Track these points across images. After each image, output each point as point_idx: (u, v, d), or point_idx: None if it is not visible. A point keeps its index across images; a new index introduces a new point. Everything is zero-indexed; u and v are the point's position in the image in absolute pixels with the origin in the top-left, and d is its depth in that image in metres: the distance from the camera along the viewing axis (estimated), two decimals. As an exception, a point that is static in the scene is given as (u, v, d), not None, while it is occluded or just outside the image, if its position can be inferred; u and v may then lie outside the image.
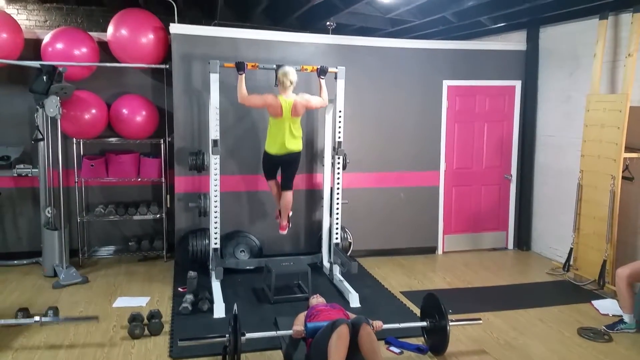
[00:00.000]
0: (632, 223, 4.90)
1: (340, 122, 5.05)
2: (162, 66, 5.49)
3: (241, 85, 4.66)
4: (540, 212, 6.21)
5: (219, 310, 4.31)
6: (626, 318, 4.10)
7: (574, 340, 4.00)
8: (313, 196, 5.77)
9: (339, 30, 7.10)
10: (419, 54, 5.90)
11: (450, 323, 3.61)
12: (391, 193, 6.00)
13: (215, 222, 4.89)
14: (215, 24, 7.33)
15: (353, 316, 3.56)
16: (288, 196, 5.02)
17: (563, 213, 5.65)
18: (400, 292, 4.92)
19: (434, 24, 6.51)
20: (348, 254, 5.46)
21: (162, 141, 5.66)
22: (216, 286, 4.69)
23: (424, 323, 3.81)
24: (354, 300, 4.59)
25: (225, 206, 5.08)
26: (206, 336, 3.49)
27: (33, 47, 5.31)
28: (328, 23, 6.80)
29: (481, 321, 3.99)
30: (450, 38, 6.84)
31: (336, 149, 5.10)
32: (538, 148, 6.19)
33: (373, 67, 5.77)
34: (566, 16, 5.47)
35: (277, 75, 4.67)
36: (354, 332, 3.22)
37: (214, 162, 4.81)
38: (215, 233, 4.91)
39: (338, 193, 5.18)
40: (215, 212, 4.88)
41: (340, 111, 5.04)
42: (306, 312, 3.75)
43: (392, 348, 3.79)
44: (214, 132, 4.76)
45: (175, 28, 5.29)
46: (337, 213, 5.19)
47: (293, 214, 5.24)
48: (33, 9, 9.08)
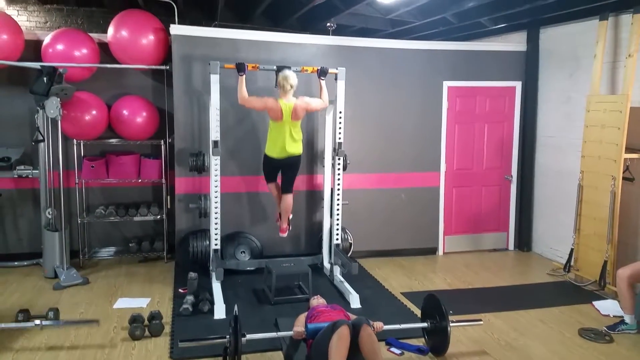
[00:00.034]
0: (633, 224, 4.90)
1: (340, 123, 5.05)
2: (163, 67, 5.50)
3: (241, 86, 4.66)
4: (540, 213, 6.21)
5: (220, 311, 4.31)
6: (627, 319, 4.10)
7: (575, 341, 4.00)
8: (313, 197, 5.77)
9: (340, 31, 7.10)
10: (420, 55, 5.90)
11: (450, 324, 3.61)
12: (392, 194, 6.00)
13: (215, 223, 4.89)
14: (215, 25, 7.34)
15: (354, 317, 3.56)
16: (288, 199, 5.02)
17: (563, 214, 5.65)
18: (400, 293, 4.93)
19: (435, 25, 6.52)
20: (348, 255, 5.46)
21: (163, 142, 5.67)
22: (217, 287, 4.69)
23: (425, 324, 3.81)
24: (355, 301, 4.59)
25: (225, 207, 5.08)
26: (207, 337, 3.50)
27: (33, 49, 5.31)
28: (328, 24, 6.81)
29: (482, 322, 3.99)
30: (450, 39, 6.84)
31: (336, 150, 5.10)
32: (538, 149, 6.19)
33: (373, 68, 5.77)
34: (566, 17, 5.48)
35: (278, 79, 4.67)
36: (355, 333, 3.22)
37: (215, 163, 4.81)
38: (215, 234, 4.91)
39: (338, 194, 5.18)
40: (215, 213, 4.88)
41: (340, 112, 5.04)
42: (307, 313, 3.74)
43: (393, 349, 3.79)
44: (215, 133, 4.76)
45: (175, 29, 5.30)
46: (338, 214, 5.19)
47: (293, 215, 5.25)
48: (33, 10, 9.09)
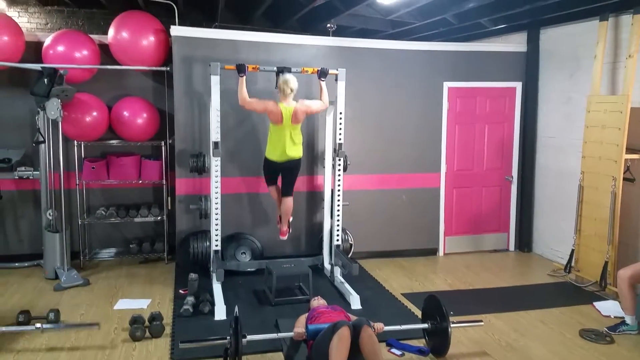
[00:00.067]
0: (634, 224, 4.89)
1: (341, 124, 5.05)
2: (163, 68, 5.50)
3: (242, 87, 4.66)
4: (541, 214, 6.21)
5: (220, 312, 4.31)
6: (628, 320, 4.10)
7: (576, 341, 4.00)
8: (314, 198, 5.77)
9: (340, 32, 7.10)
10: (420, 56, 5.91)
11: (451, 325, 3.61)
12: (392, 195, 6.00)
13: (216, 224, 4.89)
14: (215, 26, 7.34)
15: (354, 318, 3.56)
16: (288, 202, 5.03)
17: (564, 214, 5.64)
18: (401, 294, 4.92)
19: (435, 26, 6.51)
20: (349, 256, 5.46)
21: (163, 143, 5.68)
22: (217, 288, 4.69)
23: (425, 325, 3.81)
24: (355, 302, 4.59)
25: (226, 208, 5.08)
26: (207, 338, 3.50)
27: (34, 50, 5.32)
28: (328, 25, 6.81)
29: (482, 323, 3.98)
30: (450, 40, 6.84)
31: (337, 151, 5.10)
32: (539, 149, 6.19)
33: (374, 69, 5.77)
34: (566, 18, 5.48)
35: (278, 82, 4.68)
36: (355, 334, 3.22)
37: (215, 164, 4.82)
38: (216, 235, 4.91)
39: (339, 195, 5.18)
40: (216, 214, 4.88)
41: (341, 113, 5.04)
42: (307, 314, 3.74)
43: (394, 350, 3.79)
44: (215, 134, 4.76)
45: (176, 30, 5.30)
46: (338, 215, 5.19)
47: (294, 216, 5.25)
48: (34, 12, 9.10)
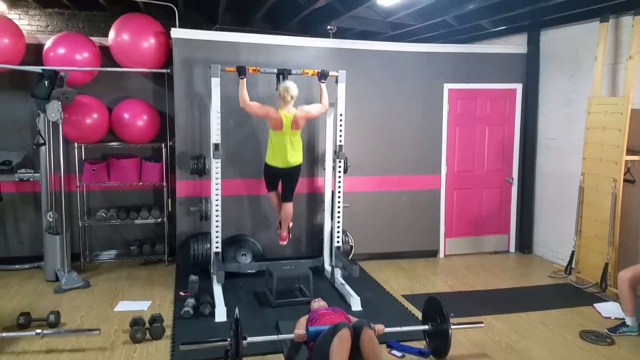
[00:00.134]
0: (634, 226, 4.89)
1: (341, 126, 5.05)
2: (164, 70, 5.51)
3: (243, 89, 4.66)
4: (541, 215, 6.21)
5: (221, 314, 4.31)
6: (628, 321, 4.10)
7: (576, 343, 3.99)
8: (314, 199, 5.77)
9: (340, 34, 7.11)
10: (420, 58, 5.91)
11: (452, 326, 3.61)
12: (392, 196, 6.00)
13: (216, 226, 4.89)
14: (216, 29, 7.35)
15: (355, 320, 3.56)
16: (288, 208, 5.03)
17: (564, 216, 5.64)
18: (402, 296, 4.92)
19: (435, 28, 6.52)
20: (349, 258, 5.45)
21: (164, 145, 5.68)
22: (218, 290, 4.69)
23: (426, 326, 3.80)
24: (356, 303, 4.59)
25: (226, 210, 5.08)
26: (208, 340, 3.50)
27: (35, 52, 5.33)
28: (329, 27, 6.82)
29: (483, 324, 3.99)
30: (451, 41, 6.85)
31: (337, 153, 5.10)
32: (539, 151, 6.19)
33: (374, 71, 5.78)
34: (567, 19, 5.48)
35: (279, 90, 4.68)
36: (356, 336, 3.22)
37: (215, 166, 4.82)
38: (216, 237, 4.91)
39: (339, 196, 5.18)
40: (216, 216, 4.88)
41: (341, 115, 5.05)
42: (308, 316, 3.75)
43: (394, 351, 3.78)
44: (215, 136, 4.77)
45: (176, 32, 5.31)
46: (339, 216, 5.19)
47: (294, 218, 5.24)
48: (35, 14, 9.11)
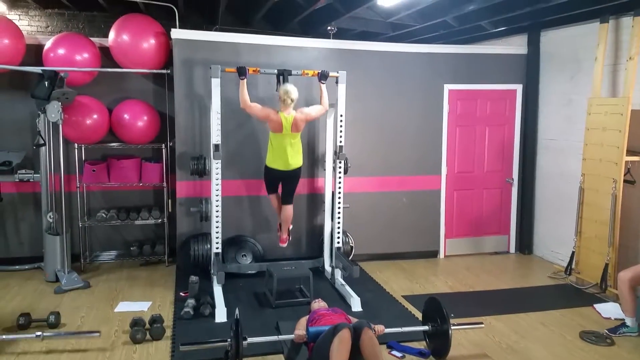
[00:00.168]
0: (634, 226, 4.89)
1: (341, 127, 5.05)
2: (164, 71, 5.51)
3: (243, 90, 4.66)
4: (541, 216, 6.21)
5: (221, 314, 4.31)
6: (628, 322, 4.10)
7: (576, 344, 3.99)
8: (315, 200, 5.77)
9: (340, 34, 7.11)
10: (420, 58, 5.91)
11: (452, 327, 3.61)
12: (393, 197, 5.99)
13: (216, 227, 4.89)
14: (216, 29, 7.35)
15: (355, 320, 3.56)
16: (288, 210, 5.04)
17: (565, 217, 5.64)
18: (402, 296, 4.92)
19: (435, 28, 6.52)
20: (350, 258, 5.45)
21: (164, 146, 5.68)
22: (218, 291, 4.69)
23: (426, 327, 3.80)
24: (356, 304, 4.59)
25: (226, 211, 5.08)
26: (208, 341, 3.49)
27: (35, 53, 5.33)
28: (329, 28, 6.81)
29: (483, 325, 3.99)
30: (451, 42, 6.85)
31: (337, 153, 5.10)
32: (539, 151, 6.19)
33: (374, 72, 5.78)
34: (567, 20, 5.48)
35: (279, 93, 4.69)
36: (356, 337, 3.22)
37: (216, 167, 4.82)
38: (216, 237, 4.91)
39: (339, 197, 5.18)
40: (216, 217, 4.88)
41: (341, 115, 5.05)
42: (308, 317, 3.75)
43: (394, 352, 3.78)
44: (215, 137, 4.77)
45: (176, 33, 5.31)
46: (339, 217, 5.19)
47: (295, 218, 5.24)
48: (35, 15, 9.11)
